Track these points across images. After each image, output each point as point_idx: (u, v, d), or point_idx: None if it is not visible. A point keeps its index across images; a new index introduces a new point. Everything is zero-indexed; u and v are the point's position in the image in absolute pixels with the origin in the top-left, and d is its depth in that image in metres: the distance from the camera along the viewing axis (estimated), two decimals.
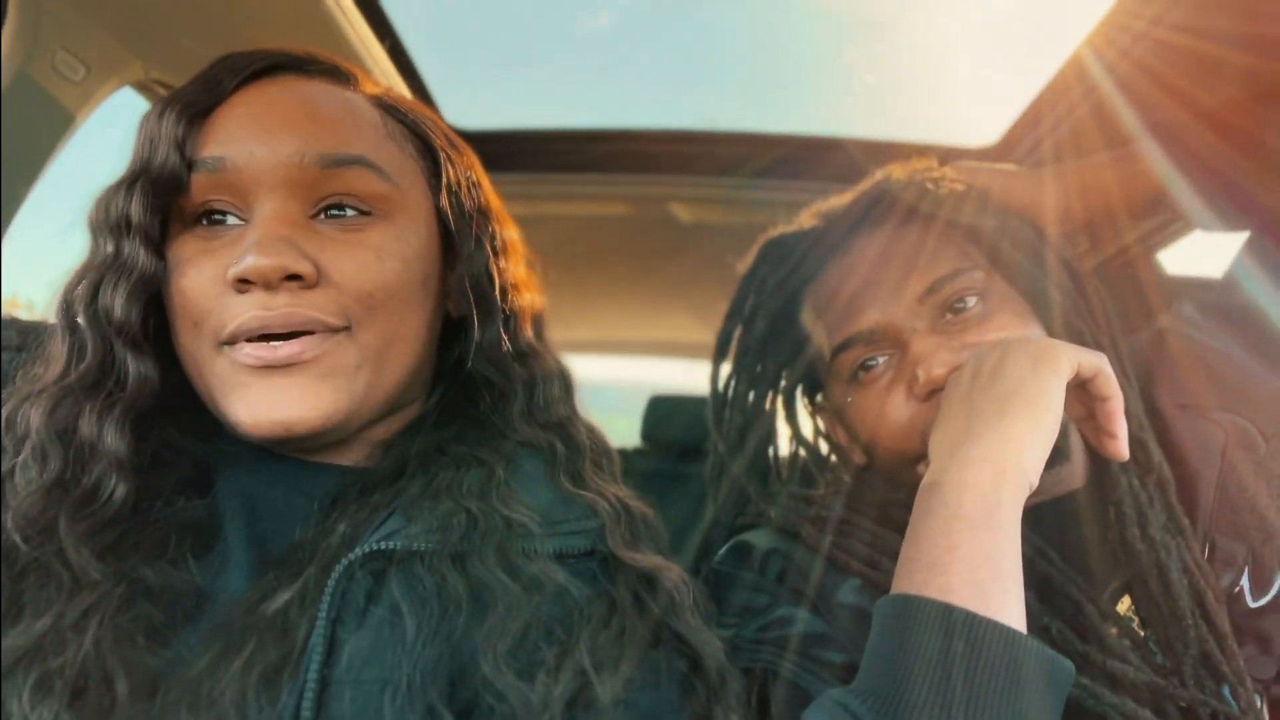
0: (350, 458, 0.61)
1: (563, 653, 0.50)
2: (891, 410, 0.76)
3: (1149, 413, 0.81)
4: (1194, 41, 0.91)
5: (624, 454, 0.70)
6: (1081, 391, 0.67)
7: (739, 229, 2.03)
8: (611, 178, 1.76)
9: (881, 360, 0.79)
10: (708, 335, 3.15)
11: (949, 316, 0.77)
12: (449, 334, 0.67)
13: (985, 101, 1.59)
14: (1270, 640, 0.70)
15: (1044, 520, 0.74)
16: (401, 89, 1.48)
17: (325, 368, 0.54)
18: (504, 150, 1.58)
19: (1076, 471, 0.76)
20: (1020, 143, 1.56)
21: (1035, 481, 0.60)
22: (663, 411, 2.44)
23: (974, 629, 0.51)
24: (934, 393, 0.73)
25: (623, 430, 2.77)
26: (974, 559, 0.54)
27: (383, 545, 0.51)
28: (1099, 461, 0.75)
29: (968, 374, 0.68)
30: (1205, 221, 0.87)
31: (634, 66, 1.65)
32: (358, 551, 0.51)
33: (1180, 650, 0.67)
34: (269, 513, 0.57)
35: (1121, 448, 0.68)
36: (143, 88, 1.15)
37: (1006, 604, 0.54)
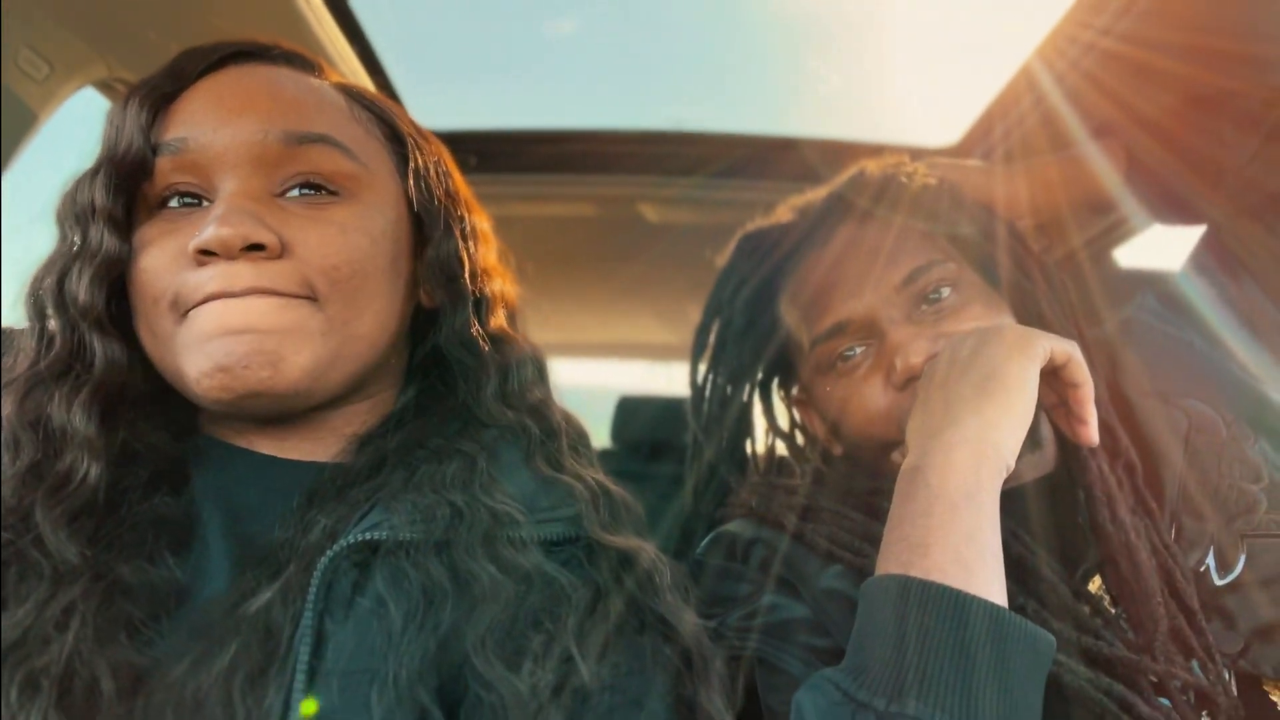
0: (324, 453, 0.61)
1: (549, 640, 0.50)
2: (870, 398, 0.78)
3: (1115, 399, 0.83)
4: (1137, 51, 0.95)
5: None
6: (1053, 378, 0.69)
7: (706, 229, 2.05)
8: (579, 178, 1.77)
9: (859, 350, 0.80)
10: (674, 336, 3.16)
11: (924, 307, 0.79)
12: (423, 326, 0.67)
13: (944, 105, 1.62)
14: (1234, 616, 0.72)
15: (1017, 504, 0.75)
16: (369, 87, 1.48)
17: (287, 321, 0.54)
18: (471, 151, 1.59)
19: (1048, 456, 0.79)
20: (978, 145, 1.60)
21: (1012, 464, 0.62)
22: (631, 412, 2.46)
23: (961, 606, 0.53)
24: (911, 381, 0.75)
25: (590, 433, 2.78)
26: (957, 539, 0.56)
27: (368, 536, 0.52)
28: (1069, 447, 0.77)
29: (944, 360, 0.70)
30: (1152, 217, 0.90)
31: (601, 68, 1.67)
32: (344, 542, 0.51)
33: (1150, 627, 0.69)
34: (245, 511, 0.57)
35: (1092, 433, 0.70)
36: (105, 86, 1.14)
37: (989, 581, 0.55)
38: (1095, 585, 0.75)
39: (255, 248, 0.54)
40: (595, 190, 1.80)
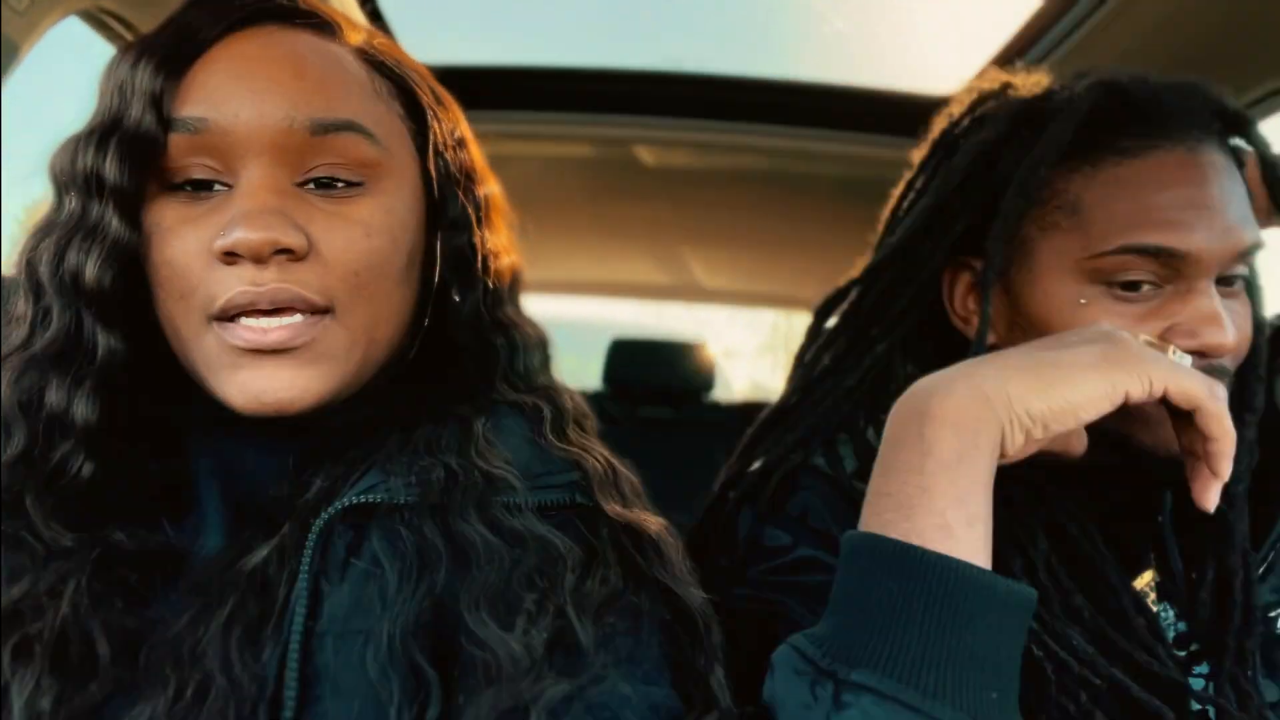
0: (316, 417, 0.61)
1: (543, 600, 0.50)
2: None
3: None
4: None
5: (583, 396, 0.70)
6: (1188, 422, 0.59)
7: (703, 173, 2.04)
8: (575, 117, 1.74)
9: (1147, 289, 0.67)
10: (666, 277, 3.14)
11: (1222, 286, 0.67)
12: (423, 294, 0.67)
13: (947, 51, 1.59)
14: (1277, 667, 0.68)
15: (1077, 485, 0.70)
16: (359, 19, 1.44)
17: (316, 351, 0.53)
18: (463, 87, 1.55)
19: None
20: None
21: (1039, 434, 0.56)
22: (624, 355, 2.46)
23: (940, 575, 0.50)
24: (1195, 355, 0.65)
25: (576, 369, 2.79)
26: (944, 502, 0.53)
27: (363, 499, 0.52)
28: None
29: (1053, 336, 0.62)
30: None
31: (599, 4, 1.62)
32: (338, 505, 0.51)
33: (1216, 660, 0.66)
34: (242, 473, 0.57)
35: (1212, 499, 0.60)
36: (89, 17, 1.10)
37: (975, 549, 0.52)
38: (1147, 590, 0.70)
39: (282, 250, 0.52)
40: (591, 130, 1.77)
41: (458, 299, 0.62)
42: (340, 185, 0.56)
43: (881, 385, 0.76)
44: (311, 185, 0.55)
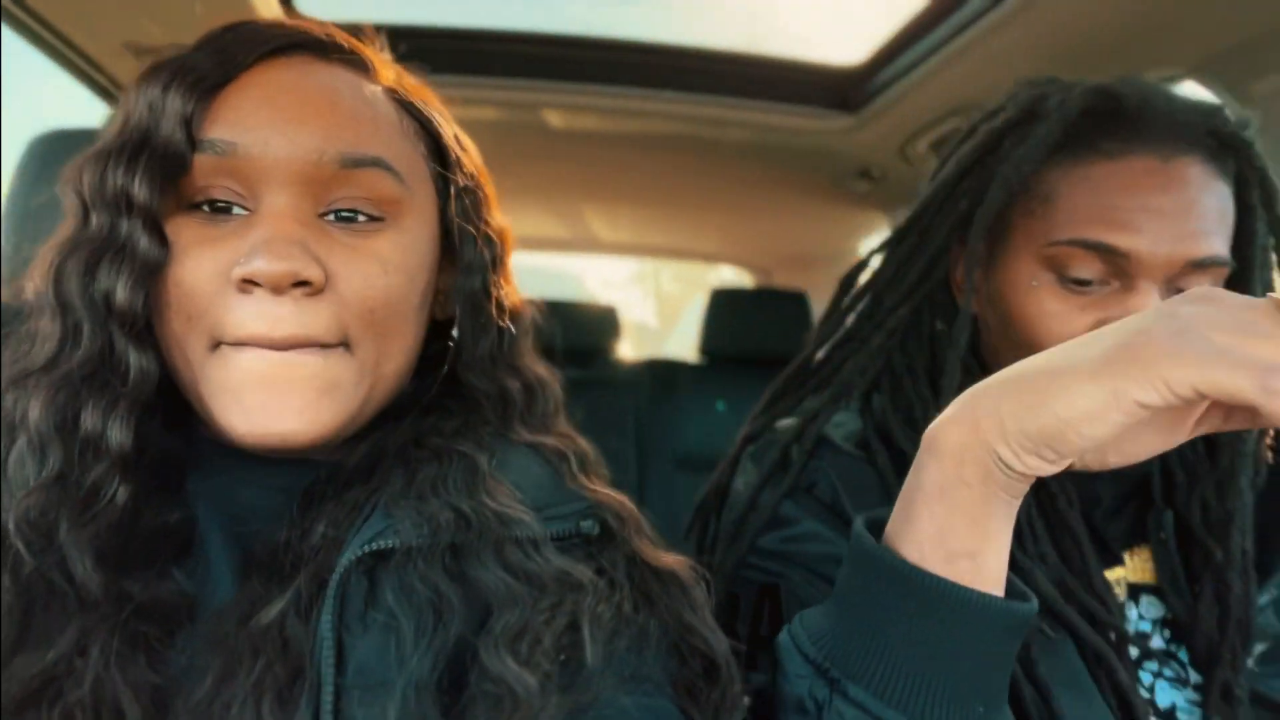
0: (319, 451, 0.60)
1: (558, 627, 0.51)
2: (1070, 328, 0.69)
3: None
4: None
5: None
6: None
7: (609, 137, 2.03)
8: (482, 80, 1.70)
9: (1094, 285, 0.70)
10: (566, 232, 3.14)
11: (1175, 293, 0.68)
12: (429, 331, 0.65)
13: (851, 23, 1.63)
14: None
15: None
16: None
17: (325, 382, 0.53)
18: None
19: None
20: (882, 68, 1.63)
21: (1012, 466, 0.49)
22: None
23: (931, 597, 0.49)
24: None
25: None
26: (932, 531, 0.51)
27: (377, 546, 0.51)
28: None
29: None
30: None
31: None
32: (352, 555, 0.50)
33: (1211, 674, 0.70)
34: (244, 511, 0.56)
35: None
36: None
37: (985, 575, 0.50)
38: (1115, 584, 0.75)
39: (300, 283, 0.51)
40: (498, 94, 1.74)
41: (472, 341, 0.62)
42: (361, 219, 0.55)
43: (908, 343, 0.80)
44: (331, 216, 0.55)
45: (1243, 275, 0.73)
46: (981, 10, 1.23)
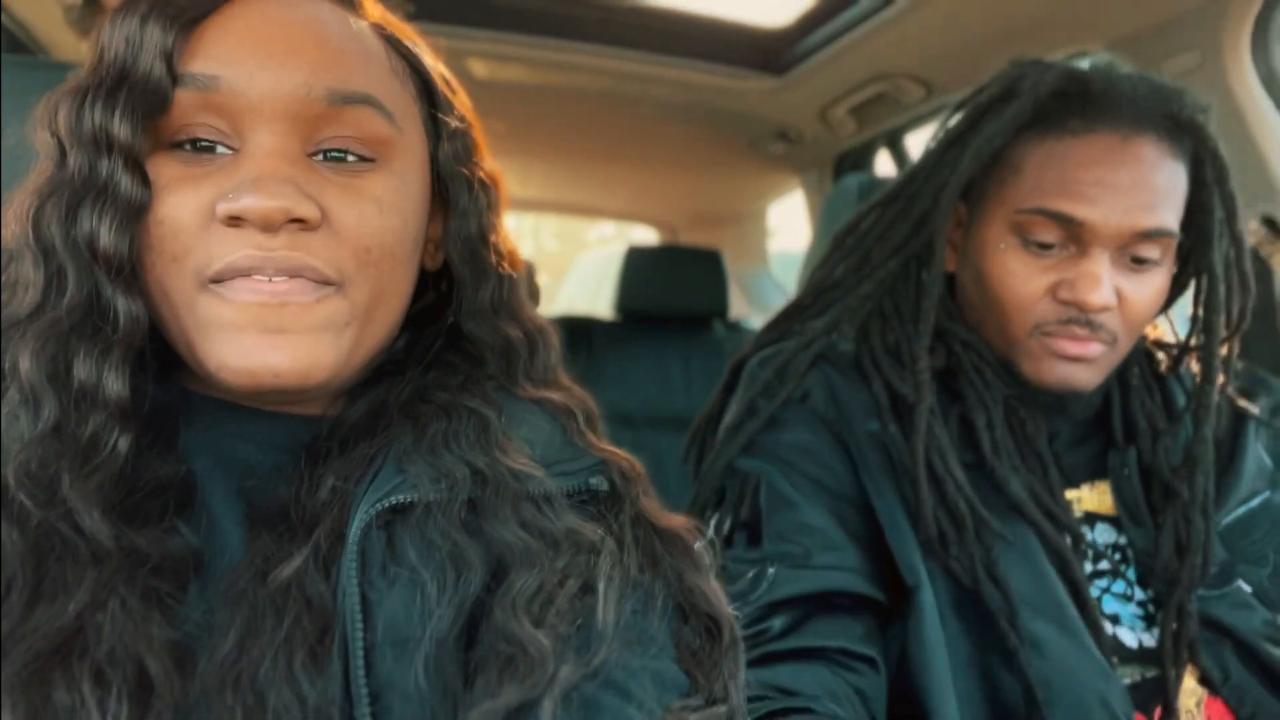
0: (311, 406, 0.58)
1: (573, 590, 0.51)
2: (1028, 290, 0.80)
3: None
4: None
5: None
6: None
7: (531, 90, 2.00)
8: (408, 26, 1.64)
9: (1054, 249, 0.80)
10: None
11: (1130, 262, 0.79)
12: (420, 281, 0.63)
13: None
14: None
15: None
16: None
17: (319, 320, 0.51)
18: None
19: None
20: (810, 31, 1.66)
21: None
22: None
23: None
24: (1075, 309, 0.78)
25: None
26: None
27: (394, 500, 0.50)
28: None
29: None
30: None
31: None
32: (371, 510, 0.50)
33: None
34: (244, 468, 0.54)
35: None
36: None
37: None
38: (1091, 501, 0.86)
39: (294, 221, 0.49)
40: (424, 40, 1.68)
41: (473, 288, 0.61)
42: (352, 159, 0.54)
43: (896, 290, 0.90)
44: (321, 157, 0.53)
45: (1204, 244, 0.83)
46: None
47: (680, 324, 2.31)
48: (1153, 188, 0.77)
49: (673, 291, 2.33)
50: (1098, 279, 0.77)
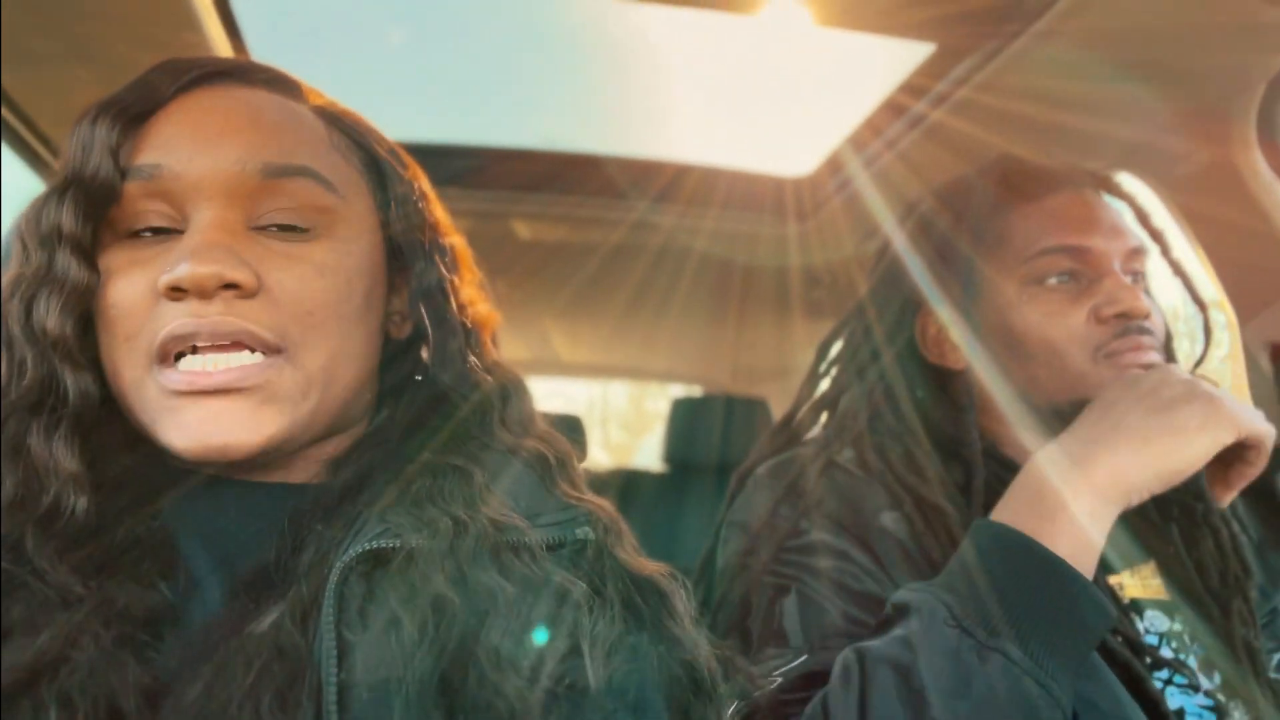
0: (297, 476, 0.59)
1: (557, 641, 0.50)
2: (1068, 322, 0.84)
3: None
4: (996, 99, 1.09)
5: None
6: (1231, 447, 0.72)
7: (577, 247, 2.11)
8: (452, 192, 1.76)
9: (1068, 279, 0.85)
10: (530, 353, 3.14)
11: (1129, 279, 0.85)
12: (392, 353, 0.65)
13: (804, 134, 1.75)
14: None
15: None
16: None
17: (267, 393, 0.53)
18: None
19: None
20: (832, 178, 1.74)
21: (1133, 503, 0.70)
22: None
23: (1069, 582, 0.64)
24: (1122, 319, 0.82)
25: None
26: (1060, 541, 0.66)
27: (375, 545, 0.51)
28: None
29: (1145, 386, 0.74)
30: None
31: (478, 82, 1.68)
32: (354, 551, 0.50)
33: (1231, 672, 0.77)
34: (226, 537, 0.55)
35: (1227, 501, 0.78)
36: None
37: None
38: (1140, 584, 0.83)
39: (230, 286, 0.52)
40: (469, 205, 1.80)
41: (440, 341, 0.62)
42: (295, 229, 0.57)
43: (884, 404, 0.93)
44: (265, 229, 0.56)
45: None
46: (919, 118, 1.34)
47: (728, 474, 2.28)
48: (1120, 218, 0.88)
49: (719, 442, 2.32)
50: (1131, 288, 0.82)
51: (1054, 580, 0.64)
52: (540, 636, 0.51)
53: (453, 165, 1.73)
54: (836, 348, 1.03)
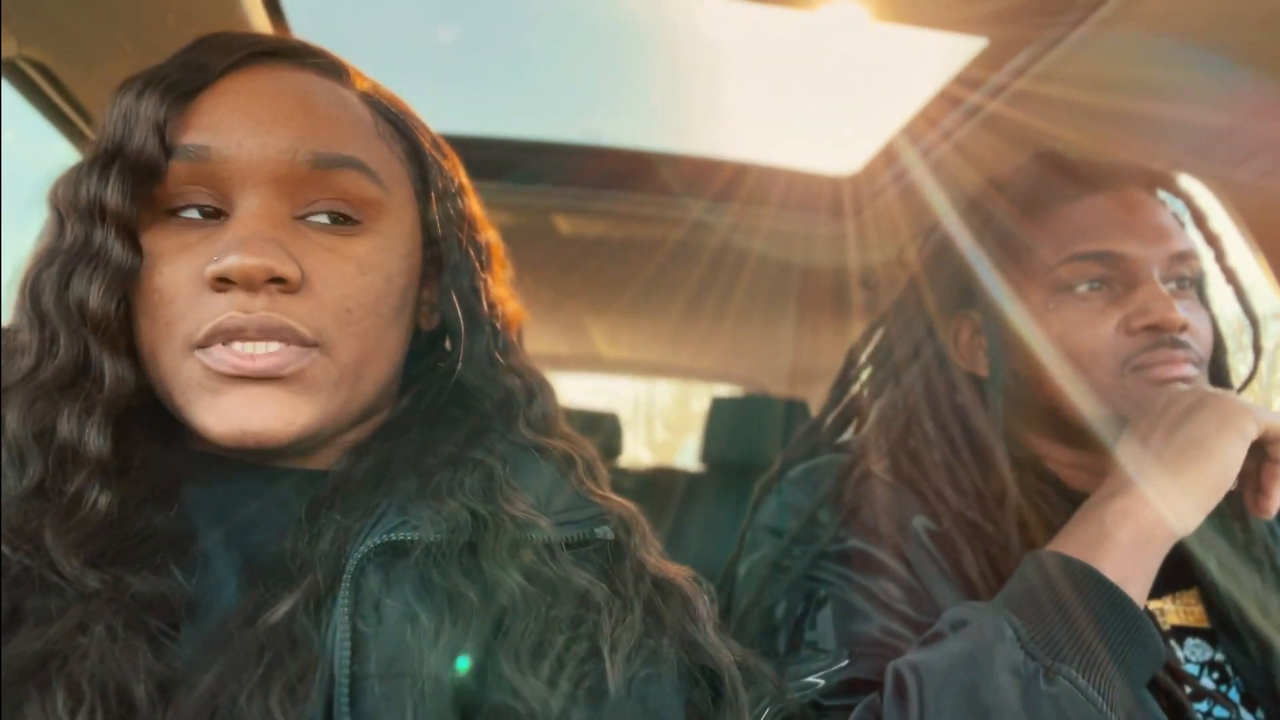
0: (317, 462, 0.59)
1: (576, 643, 0.50)
2: (1097, 333, 0.80)
3: None
4: (1056, 89, 1.05)
5: None
6: (1257, 447, 0.71)
7: (616, 243, 2.10)
8: (494, 185, 1.77)
9: (1099, 286, 0.82)
10: (570, 348, 3.16)
11: (1172, 285, 0.82)
12: (416, 343, 0.65)
13: (851, 132, 1.71)
14: None
15: None
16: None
17: (303, 383, 0.53)
18: None
19: None
20: (879, 175, 1.70)
21: (1189, 529, 0.68)
22: None
23: (1129, 611, 0.64)
24: (1153, 331, 0.78)
25: None
26: (1111, 573, 0.65)
27: (396, 537, 0.50)
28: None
29: (1157, 412, 0.73)
30: None
31: (524, 76, 1.68)
32: (371, 543, 0.49)
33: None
34: (245, 524, 0.55)
35: (1272, 509, 0.74)
36: (12, 67, 1.05)
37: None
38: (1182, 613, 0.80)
39: (275, 280, 0.52)
40: (510, 199, 1.80)
41: (469, 340, 0.62)
42: (339, 221, 0.56)
43: (919, 412, 0.90)
44: (309, 219, 0.55)
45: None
46: (974, 109, 1.30)
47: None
48: (1166, 220, 0.82)
49: (758, 442, 2.29)
50: (1165, 297, 0.77)
51: (1119, 613, 0.63)
52: (557, 638, 0.50)
53: (491, 157, 1.73)
54: (866, 352, 1.00)
